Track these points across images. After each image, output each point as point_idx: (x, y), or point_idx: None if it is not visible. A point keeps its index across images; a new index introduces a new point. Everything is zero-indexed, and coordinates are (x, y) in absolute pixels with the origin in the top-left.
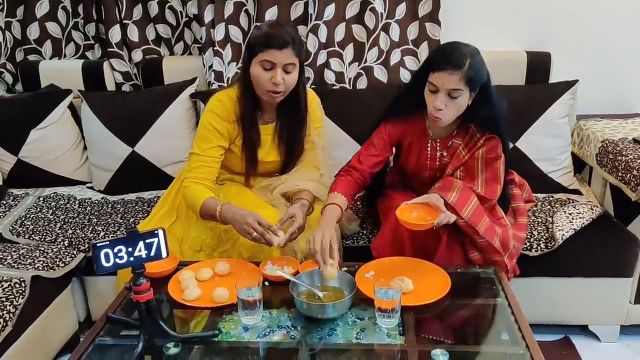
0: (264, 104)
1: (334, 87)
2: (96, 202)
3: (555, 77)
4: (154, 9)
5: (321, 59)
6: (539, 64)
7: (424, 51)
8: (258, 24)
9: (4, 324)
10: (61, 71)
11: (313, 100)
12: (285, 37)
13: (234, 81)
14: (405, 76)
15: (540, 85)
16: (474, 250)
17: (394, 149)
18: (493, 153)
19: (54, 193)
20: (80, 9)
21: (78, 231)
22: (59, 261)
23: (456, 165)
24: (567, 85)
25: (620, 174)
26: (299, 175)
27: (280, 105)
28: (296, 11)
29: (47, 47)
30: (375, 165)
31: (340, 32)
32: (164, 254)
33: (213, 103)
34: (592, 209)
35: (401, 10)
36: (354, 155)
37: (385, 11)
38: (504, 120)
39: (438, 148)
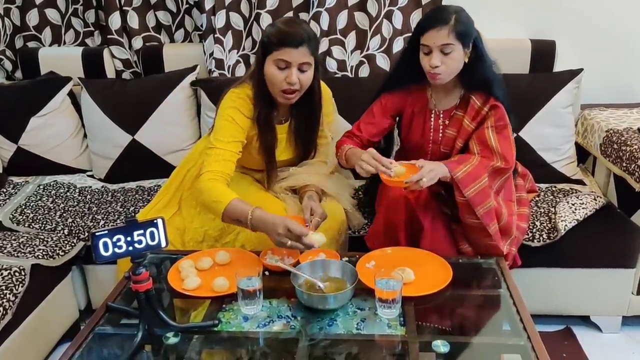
0: (279, 104)
1: (336, 76)
2: (96, 190)
3: (559, 65)
4: None
5: (323, 46)
6: (543, 52)
7: None
8: (254, 15)
9: (4, 312)
10: (61, 58)
11: (326, 94)
12: (302, 35)
13: (245, 79)
14: None
15: (544, 74)
16: (464, 243)
17: (395, 120)
18: (502, 121)
19: (54, 181)
20: None
21: (78, 220)
22: (59, 250)
23: (465, 138)
24: (572, 74)
25: (624, 164)
26: (307, 169)
27: (294, 104)
28: None
29: (47, 34)
30: (374, 136)
31: (342, 20)
32: (163, 244)
33: (236, 101)
34: (595, 200)
35: None
36: (355, 123)
37: None
38: (500, 85)
39: (441, 118)
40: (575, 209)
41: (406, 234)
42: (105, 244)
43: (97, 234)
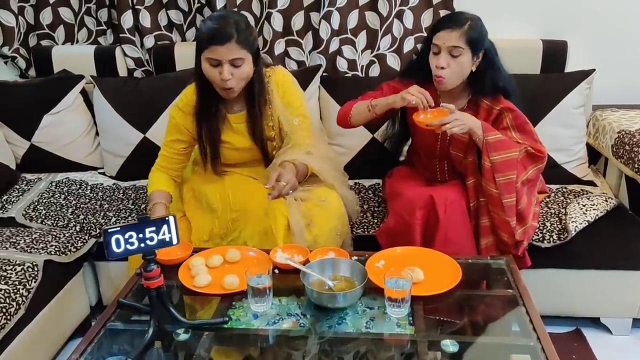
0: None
1: (346, 75)
2: (108, 187)
3: (571, 66)
4: None
5: (333, 46)
6: (555, 52)
7: None
8: (265, 13)
9: (17, 307)
10: (74, 57)
11: (284, 82)
12: (227, 32)
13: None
14: None
15: (555, 75)
16: (487, 237)
17: (398, 109)
18: (520, 119)
19: (66, 178)
20: None
21: (90, 216)
22: (71, 246)
23: None
24: (584, 74)
25: (636, 166)
26: (287, 154)
27: (247, 92)
28: None
29: (60, 33)
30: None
31: (353, 19)
32: (174, 241)
33: (180, 97)
34: (606, 201)
35: None
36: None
37: None
38: (516, 95)
39: None
40: (586, 210)
41: (421, 233)
42: (117, 241)
43: (109, 230)
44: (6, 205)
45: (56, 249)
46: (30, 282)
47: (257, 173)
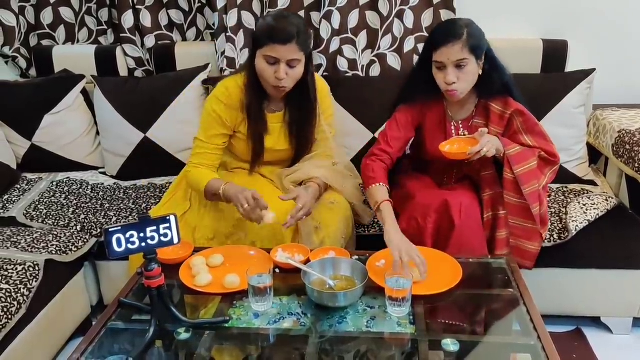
0: (271, 94)
1: (347, 75)
2: (108, 187)
3: (571, 65)
4: None
5: (334, 45)
6: (555, 52)
7: None
8: (265, 13)
9: (18, 306)
10: (74, 56)
11: (322, 89)
12: (290, 32)
13: (241, 68)
14: None
15: (556, 74)
16: (502, 249)
17: (414, 131)
18: (530, 122)
19: (67, 178)
20: None
21: (90, 216)
22: (72, 245)
23: None
24: (584, 74)
25: (636, 165)
26: (310, 164)
27: (288, 94)
28: None
29: (61, 32)
30: (401, 150)
31: (353, 19)
32: (175, 240)
33: (219, 90)
34: (606, 200)
35: None
36: (380, 137)
37: None
38: (516, 87)
39: (461, 128)
40: (587, 210)
41: (433, 236)
42: (118, 240)
43: (110, 230)
44: (7, 205)
45: (57, 248)
46: (31, 282)
47: (271, 172)
